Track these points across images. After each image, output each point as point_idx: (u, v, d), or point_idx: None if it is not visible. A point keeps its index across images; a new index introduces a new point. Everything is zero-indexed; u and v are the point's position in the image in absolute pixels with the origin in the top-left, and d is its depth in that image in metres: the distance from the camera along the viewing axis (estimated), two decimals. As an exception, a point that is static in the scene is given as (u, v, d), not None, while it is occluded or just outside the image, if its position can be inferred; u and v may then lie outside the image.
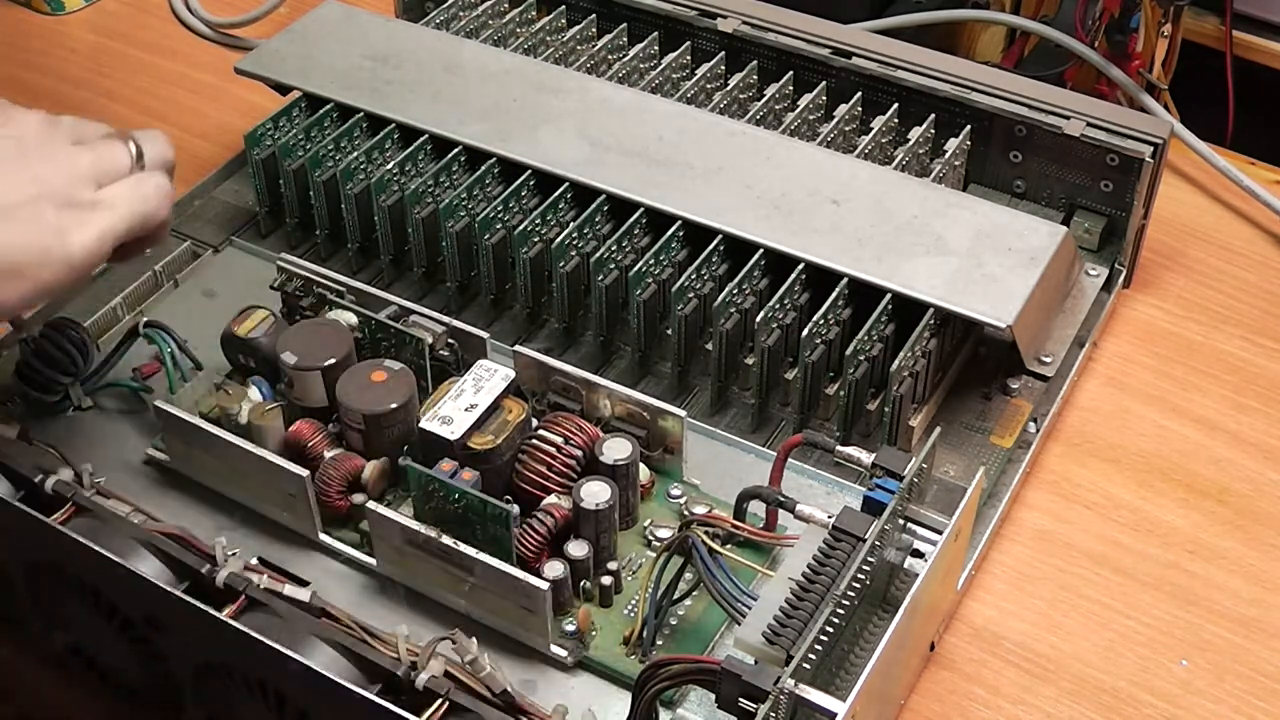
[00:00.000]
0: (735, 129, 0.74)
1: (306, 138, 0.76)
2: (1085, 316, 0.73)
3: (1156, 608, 0.63)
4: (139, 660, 0.59)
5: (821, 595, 0.50)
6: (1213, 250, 0.81)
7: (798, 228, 0.68)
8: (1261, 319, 0.76)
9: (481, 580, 0.56)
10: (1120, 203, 0.74)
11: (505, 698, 0.51)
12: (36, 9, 1.02)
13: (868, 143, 0.75)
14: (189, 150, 0.88)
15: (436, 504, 0.57)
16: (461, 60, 0.78)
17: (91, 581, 0.57)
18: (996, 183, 0.78)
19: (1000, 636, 0.62)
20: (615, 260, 0.69)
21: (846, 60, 0.78)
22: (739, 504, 0.59)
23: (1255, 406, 0.71)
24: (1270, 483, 0.68)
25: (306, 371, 0.62)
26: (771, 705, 0.47)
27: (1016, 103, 0.74)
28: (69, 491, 0.58)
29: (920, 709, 0.59)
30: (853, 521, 0.53)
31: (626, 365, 0.70)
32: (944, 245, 0.67)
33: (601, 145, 0.72)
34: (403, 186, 0.73)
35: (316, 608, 0.54)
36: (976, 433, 0.67)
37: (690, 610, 0.58)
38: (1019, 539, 0.65)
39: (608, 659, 0.57)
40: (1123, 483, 0.68)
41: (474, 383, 0.60)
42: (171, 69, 0.96)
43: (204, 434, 0.60)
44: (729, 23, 0.80)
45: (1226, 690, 0.60)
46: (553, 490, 0.59)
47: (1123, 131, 0.72)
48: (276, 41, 0.80)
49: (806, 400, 0.66)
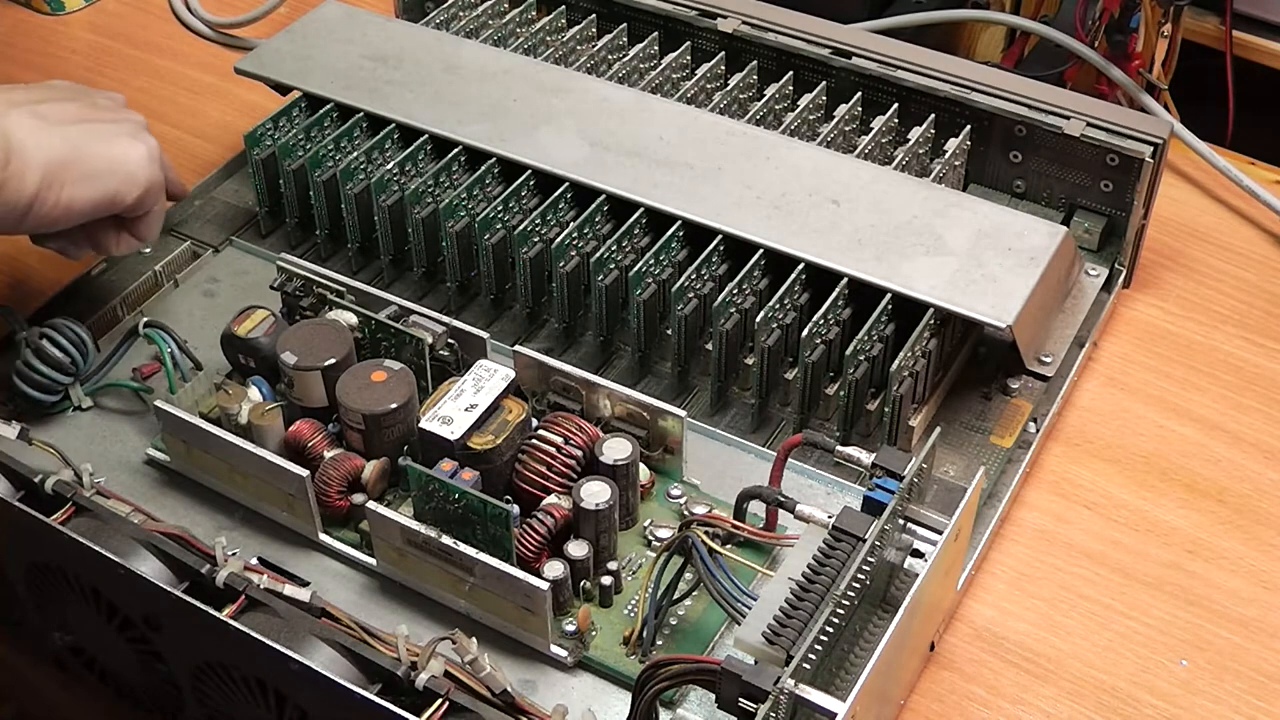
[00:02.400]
0: (735, 129, 0.74)
1: (306, 138, 0.76)
2: (1085, 316, 0.73)
3: (1156, 608, 0.63)
4: (139, 660, 0.59)
5: (821, 595, 0.50)
6: (1213, 250, 0.81)
7: (798, 228, 0.68)
8: (1261, 319, 0.76)
9: (481, 580, 0.56)
10: (1120, 203, 0.74)
11: (505, 698, 0.51)
12: (36, 9, 1.02)
13: (868, 143, 0.75)
14: (189, 150, 0.88)
15: (436, 504, 0.57)
16: (461, 60, 0.78)
17: (91, 581, 0.57)
18: (996, 183, 0.78)
19: (1000, 636, 0.62)
20: (615, 260, 0.69)
21: (846, 60, 0.78)
22: (739, 504, 0.59)
23: (1255, 406, 0.71)
24: (1270, 483, 0.68)
25: (306, 371, 0.62)
26: (771, 705, 0.47)
27: (1016, 103, 0.74)
28: (69, 491, 0.58)
29: (920, 709, 0.59)
30: (853, 521, 0.53)
31: (626, 365, 0.70)
32: (944, 245, 0.67)
33: (601, 145, 0.72)
34: (403, 186, 0.73)
35: (316, 608, 0.54)
36: (976, 433, 0.67)
37: (690, 610, 0.58)
38: (1019, 539, 0.65)
39: (608, 659, 0.57)
40: (1123, 483, 0.68)
41: (474, 383, 0.60)
42: (171, 69, 0.96)
43: (204, 434, 0.60)
44: (729, 23, 0.80)
45: (1226, 690, 0.60)
46: (553, 490, 0.59)
47: (1123, 131, 0.72)
48: (276, 41, 0.80)
49: (806, 400, 0.66)
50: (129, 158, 0.65)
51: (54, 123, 0.63)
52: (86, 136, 0.64)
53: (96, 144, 0.64)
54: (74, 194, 0.63)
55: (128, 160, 0.65)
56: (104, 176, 0.64)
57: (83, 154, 0.63)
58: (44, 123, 0.62)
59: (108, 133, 0.65)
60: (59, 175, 0.62)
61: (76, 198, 0.63)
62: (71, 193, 0.62)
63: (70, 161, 0.62)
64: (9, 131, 0.61)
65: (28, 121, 0.62)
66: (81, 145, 0.63)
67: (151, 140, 0.67)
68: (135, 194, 0.65)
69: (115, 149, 0.64)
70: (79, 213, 0.63)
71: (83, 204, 0.63)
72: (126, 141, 0.65)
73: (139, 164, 0.65)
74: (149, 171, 0.65)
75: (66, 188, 0.62)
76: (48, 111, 0.63)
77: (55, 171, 0.62)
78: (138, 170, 0.65)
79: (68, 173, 0.62)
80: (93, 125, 0.65)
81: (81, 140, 0.63)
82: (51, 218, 0.63)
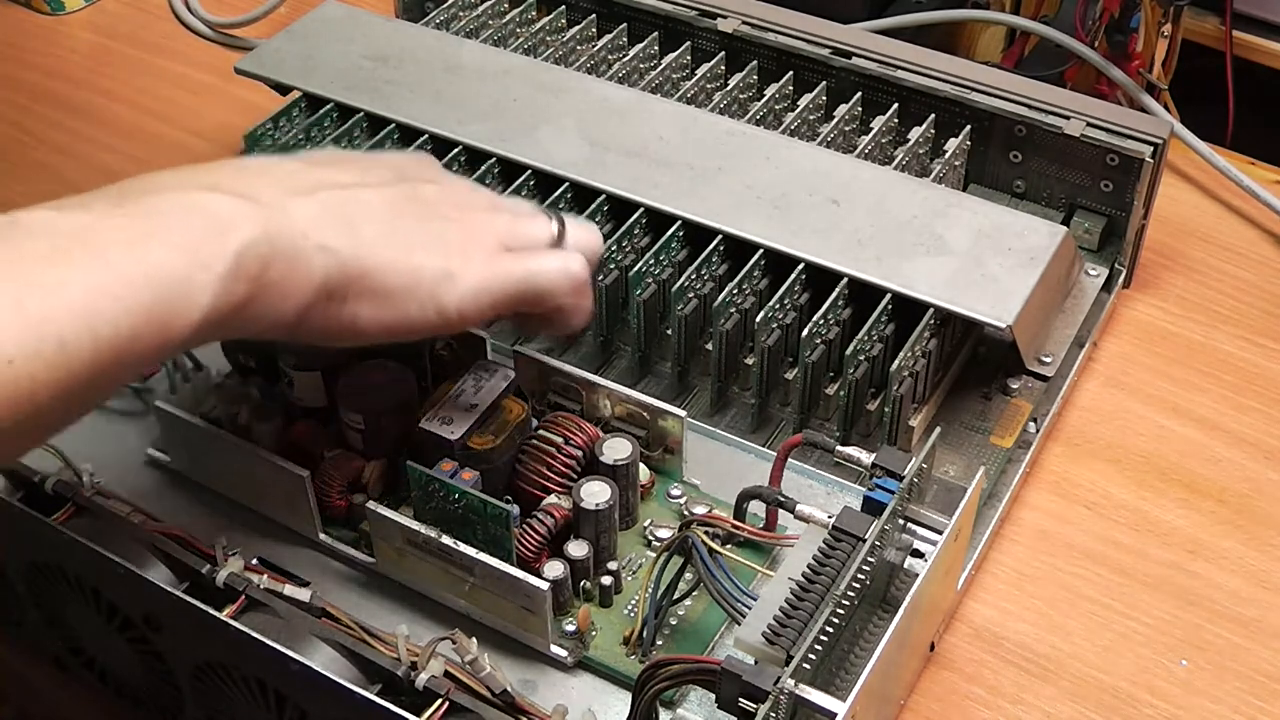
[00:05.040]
0: (735, 129, 0.74)
1: (307, 138, 0.76)
2: (1085, 316, 0.73)
3: (1156, 608, 0.63)
4: (139, 660, 0.59)
5: (821, 595, 0.50)
6: (1213, 250, 0.81)
7: (798, 228, 0.68)
8: (1261, 319, 0.76)
9: (481, 580, 0.56)
10: (1120, 203, 0.74)
11: (505, 698, 0.51)
12: (36, 9, 1.02)
13: (868, 143, 0.75)
14: (189, 150, 0.88)
15: (436, 504, 0.57)
16: (461, 60, 0.78)
17: (91, 581, 0.57)
18: (996, 183, 0.78)
19: (1000, 636, 0.62)
20: (615, 260, 0.69)
21: (846, 60, 0.78)
22: (739, 504, 0.59)
23: (1255, 406, 0.71)
24: (1270, 483, 0.68)
25: (306, 371, 0.62)
26: (771, 705, 0.47)
27: (1016, 103, 0.74)
28: (69, 492, 0.58)
29: (920, 709, 0.59)
30: (853, 521, 0.53)
31: (626, 365, 0.70)
32: (944, 245, 0.67)
33: (601, 145, 0.72)
34: (403, 186, 0.73)
35: (316, 608, 0.54)
36: (976, 433, 0.67)
37: (690, 610, 0.58)
38: (1019, 539, 0.65)
39: (608, 659, 0.57)
40: (1123, 483, 0.68)
41: (474, 383, 0.60)
42: (171, 69, 0.96)
43: (204, 434, 0.60)
44: (729, 23, 0.80)
45: (1226, 690, 0.60)
46: (553, 490, 0.59)
47: (1123, 131, 0.72)
48: (276, 41, 0.80)
49: (806, 400, 0.66)
50: (437, 288, 0.49)
51: (357, 219, 0.49)
52: (398, 251, 0.49)
53: (400, 260, 0.49)
54: (357, 312, 0.49)
55: (436, 290, 0.50)
56: (399, 299, 0.49)
57: (384, 265, 0.49)
58: (338, 219, 0.48)
59: (428, 252, 0.50)
60: (342, 289, 0.49)
61: (361, 317, 0.49)
62: (355, 310, 0.49)
63: (364, 274, 0.49)
64: (277, 230, 0.47)
65: (312, 212, 0.48)
66: (387, 252, 0.49)
67: (543, 264, 0.51)
68: (437, 325, 0.51)
69: (421, 273, 0.49)
70: (367, 335, 0.50)
71: (371, 328, 0.50)
72: (451, 272, 0.50)
73: (450, 299, 0.50)
74: (466, 303, 0.50)
75: (350, 304, 0.49)
76: (355, 210, 0.49)
77: (338, 285, 0.48)
78: (446, 301, 0.50)
79: (353, 287, 0.49)
80: (421, 241, 0.50)
81: (393, 243, 0.49)
82: (327, 336, 0.50)
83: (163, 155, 0.88)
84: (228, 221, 0.46)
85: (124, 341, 0.43)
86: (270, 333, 0.48)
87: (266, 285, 0.46)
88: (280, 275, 0.47)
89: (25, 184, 0.86)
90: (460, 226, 0.52)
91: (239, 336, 0.49)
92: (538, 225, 0.55)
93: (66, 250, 0.43)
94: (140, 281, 0.43)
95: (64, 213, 0.44)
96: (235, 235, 0.46)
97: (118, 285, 0.43)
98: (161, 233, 0.45)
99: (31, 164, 0.88)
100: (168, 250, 0.44)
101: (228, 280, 0.45)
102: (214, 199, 0.46)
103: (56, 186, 0.86)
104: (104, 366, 0.42)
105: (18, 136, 0.90)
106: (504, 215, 0.54)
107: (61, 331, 0.41)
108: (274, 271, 0.47)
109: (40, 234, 0.43)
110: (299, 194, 0.49)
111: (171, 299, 0.44)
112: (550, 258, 0.54)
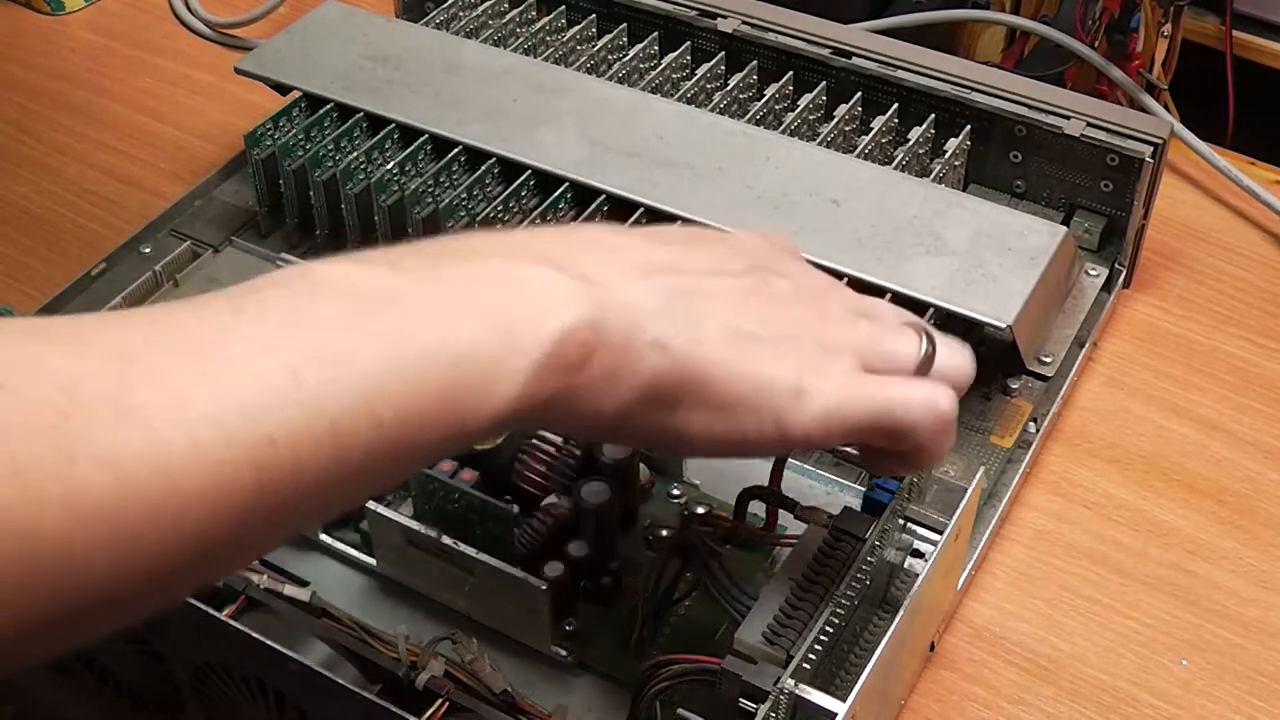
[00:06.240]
0: (735, 129, 0.74)
1: (306, 138, 0.76)
2: (1085, 316, 0.73)
3: (1156, 608, 0.63)
4: (139, 660, 0.59)
5: (821, 595, 0.50)
6: (1213, 250, 0.81)
7: (798, 228, 0.68)
8: (1261, 319, 0.76)
9: (481, 580, 0.56)
10: (1120, 203, 0.74)
11: (505, 698, 0.51)
12: (36, 9, 1.02)
13: (868, 143, 0.75)
14: (189, 150, 0.88)
15: (436, 504, 0.57)
16: (461, 60, 0.78)
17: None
18: (996, 183, 0.78)
19: (1000, 636, 0.62)
20: (615, 260, 0.69)
21: (846, 60, 0.78)
22: (739, 504, 0.59)
23: (1255, 406, 0.71)
24: (1270, 483, 0.68)
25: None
26: (771, 705, 0.47)
27: (1016, 103, 0.74)
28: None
29: (920, 709, 0.59)
30: (853, 521, 0.53)
31: (626, 365, 0.70)
32: (944, 245, 0.67)
33: (601, 145, 0.72)
34: (403, 186, 0.73)
35: (316, 608, 0.54)
36: (976, 433, 0.67)
37: (690, 610, 0.58)
38: (1019, 539, 0.65)
39: (608, 659, 0.57)
40: (1123, 483, 0.68)
41: (474, 383, 0.60)
42: (171, 69, 0.96)
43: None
44: (729, 23, 0.80)
45: (1226, 690, 0.60)
46: (553, 490, 0.59)
47: (1123, 131, 0.72)
48: (276, 41, 0.80)
49: (806, 400, 0.66)
50: (778, 401, 0.42)
51: (701, 314, 0.42)
52: (742, 340, 0.42)
53: (750, 365, 0.42)
54: (688, 420, 0.42)
55: (777, 405, 0.42)
56: (738, 412, 0.42)
57: (725, 373, 0.41)
58: (679, 311, 0.41)
59: (775, 358, 0.42)
60: (674, 394, 0.41)
61: (692, 426, 0.42)
62: (686, 418, 0.42)
63: (703, 381, 0.41)
64: (607, 317, 0.39)
65: (651, 300, 0.41)
66: (731, 356, 0.42)
67: (923, 396, 0.44)
68: (770, 444, 0.43)
69: (767, 383, 0.42)
70: (695, 451, 0.43)
71: (701, 441, 0.42)
72: (799, 388, 0.42)
73: (793, 417, 0.42)
74: (809, 425, 0.42)
75: (680, 412, 0.41)
76: (700, 303, 0.42)
77: (670, 389, 0.41)
78: (785, 417, 0.42)
79: (687, 393, 0.41)
80: (768, 343, 0.43)
81: (739, 346, 0.42)
82: (646, 442, 0.45)
83: (163, 155, 0.88)
84: (552, 300, 0.39)
85: (410, 430, 0.36)
86: (581, 433, 0.43)
87: (586, 380, 0.39)
88: (603, 370, 0.40)
89: (25, 184, 0.86)
90: (817, 334, 0.44)
91: (541, 430, 0.43)
92: (905, 342, 0.46)
93: (364, 317, 0.36)
94: (444, 360, 0.37)
95: (369, 269, 0.38)
96: (558, 317, 0.38)
97: (414, 365, 0.36)
98: (473, 306, 0.38)
99: (32, 164, 0.88)
100: (478, 328, 0.37)
101: (542, 369, 0.38)
102: (540, 273, 0.40)
103: (56, 186, 0.86)
104: (379, 456, 0.36)
105: (17, 136, 0.90)
106: (866, 325, 0.46)
107: (338, 412, 0.35)
108: (596, 365, 0.39)
109: (336, 294, 0.37)
110: (638, 276, 0.41)
111: (473, 385, 0.37)
112: (917, 389, 0.45)
